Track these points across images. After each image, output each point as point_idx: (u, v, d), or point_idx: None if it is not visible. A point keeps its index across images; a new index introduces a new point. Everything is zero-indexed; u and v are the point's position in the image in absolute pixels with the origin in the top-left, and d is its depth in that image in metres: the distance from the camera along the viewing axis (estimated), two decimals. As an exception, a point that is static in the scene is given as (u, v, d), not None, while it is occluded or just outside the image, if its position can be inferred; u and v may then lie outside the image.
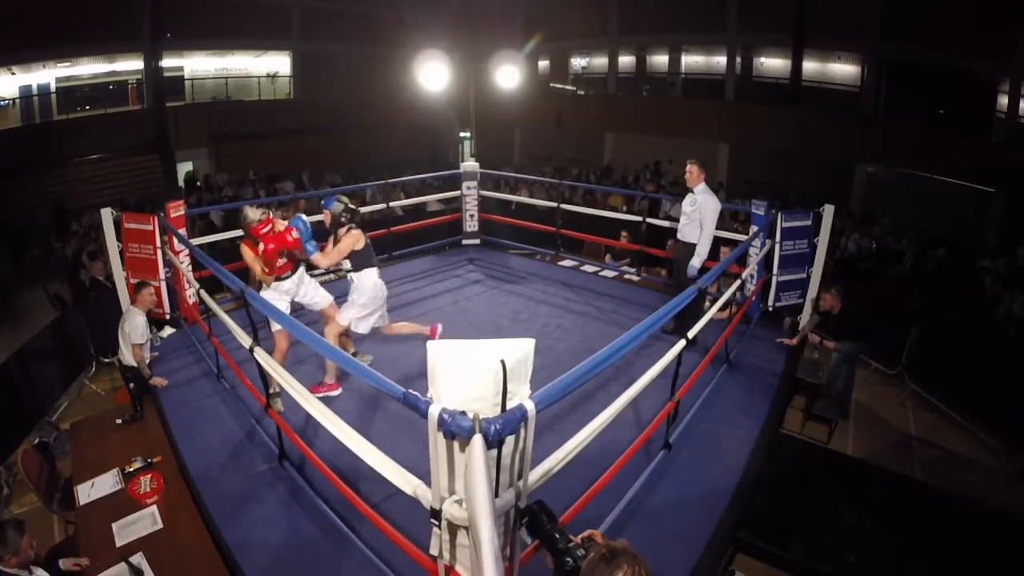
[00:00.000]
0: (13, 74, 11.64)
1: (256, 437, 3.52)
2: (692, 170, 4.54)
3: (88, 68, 12.55)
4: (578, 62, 17.11)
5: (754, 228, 5.15)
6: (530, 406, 1.69)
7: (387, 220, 6.64)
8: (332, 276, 6.41)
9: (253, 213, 3.76)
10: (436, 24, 13.79)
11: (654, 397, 3.43)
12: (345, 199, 3.95)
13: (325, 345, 2.45)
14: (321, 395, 3.86)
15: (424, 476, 1.89)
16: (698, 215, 4.49)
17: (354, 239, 3.86)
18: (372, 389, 3.84)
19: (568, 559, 1.44)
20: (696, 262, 4.49)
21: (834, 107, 12.39)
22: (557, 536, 1.51)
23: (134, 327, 3.88)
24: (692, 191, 4.56)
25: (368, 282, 3.92)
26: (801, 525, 2.90)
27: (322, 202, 4.05)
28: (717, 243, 6.51)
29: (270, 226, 3.72)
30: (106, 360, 5.60)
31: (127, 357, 3.93)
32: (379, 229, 5.88)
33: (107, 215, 4.70)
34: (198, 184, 12.59)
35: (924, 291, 7.42)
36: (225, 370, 4.14)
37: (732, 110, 13.54)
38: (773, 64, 13.41)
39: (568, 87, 17.31)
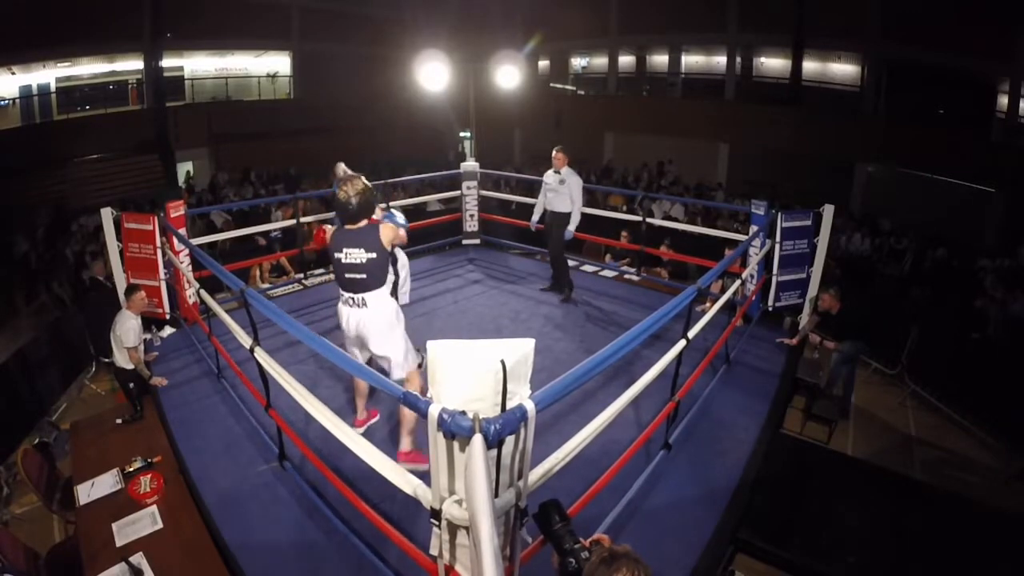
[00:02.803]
0: (13, 74, 11.63)
1: (256, 437, 3.51)
2: (558, 156, 5.36)
3: (88, 68, 12.54)
4: (578, 62, 17.11)
5: (754, 228, 5.15)
6: (530, 406, 1.69)
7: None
8: (332, 276, 6.42)
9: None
10: (436, 24, 13.77)
11: (654, 397, 3.43)
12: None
13: (326, 345, 2.44)
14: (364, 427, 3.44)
15: (424, 476, 1.89)
16: (568, 191, 5.32)
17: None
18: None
19: (571, 560, 1.45)
20: (572, 228, 5.39)
21: (834, 107, 12.39)
22: (565, 536, 1.52)
23: (126, 331, 3.87)
24: (559, 172, 5.36)
25: None
26: (801, 525, 2.90)
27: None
28: (718, 243, 6.56)
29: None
30: (106, 360, 5.58)
31: (120, 360, 3.92)
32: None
33: (107, 215, 4.70)
34: (194, 189, 12.57)
35: (924, 291, 7.42)
36: (225, 370, 4.14)
37: (732, 110, 13.54)
38: (773, 64, 13.41)
39: (568, 87, 17.30)
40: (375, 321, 2.94)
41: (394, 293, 3.82)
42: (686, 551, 2.65)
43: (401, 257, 4.25)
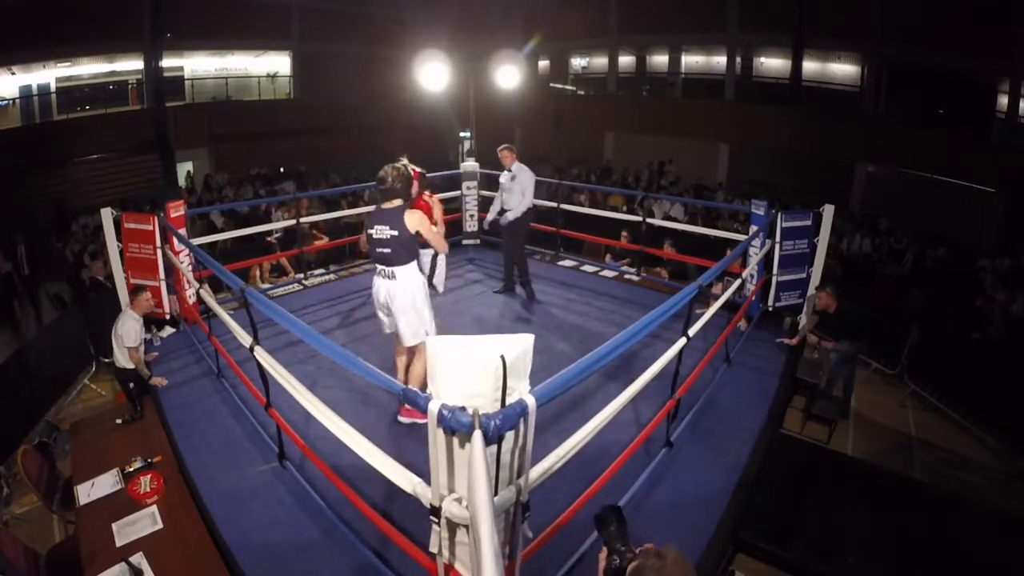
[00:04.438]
0: (13, 74, 11.64)
1: (256, 437, 3.52)
2: (505, 154, 5.33)
3: (88, 68, 12.55)
4: (578, 62, 17.11)
5: (754, 228, 5.15)
6: (530, 400, 1.69)
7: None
8: (332, 276, 6.43)
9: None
10: (436, 24, 13.78)
11: (654, 396, 3.43)
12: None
13: (326, 343, 2.44)
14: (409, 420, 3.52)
15: (424, 475, 1.89)
16: (519, 186, 5.27)
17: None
18: (372, 386, 3.84)
19: (615, 558, 1.59)
20: (510, 215, 5.30)
21: (834, 107, 12.39)
22: (616, 539, 1.67)
23: (127, 330, 3.87)
24: (509, 170, 5.32)
25: None
26: (801, 525, 2.90)
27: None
28: (718, 243, 6.56)
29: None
30: (106, 360, 5.58)
31: (120, 359, 3.92)
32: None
33: (107, 215, 4.70)
34: (194, 189, 12.56)
35: (924, 291, 7.42)
36: (225, 370, 4.14)
37: (732, 110, 13.54)
38: (773, 64, 13.42)
39: (568, 87, 17.31)
40: (399, 292, 3.30)
41: (431, 281, 4.15)
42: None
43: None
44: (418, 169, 4.16)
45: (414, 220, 3.24)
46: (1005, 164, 9.44)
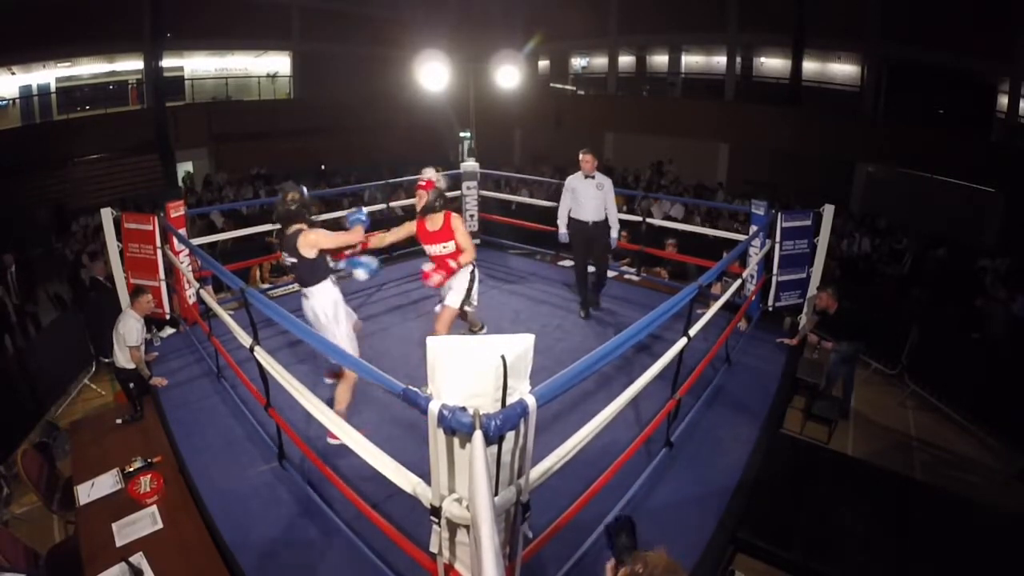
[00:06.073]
0: (13, 74, 11.64)
1: (256, 437, 3.52)
2: (588, 159, 4.89)
3: (88, 68, 12.56)
4: (578, 62, 17.12)
5: (754, 228, 5.15)
6: (531, 401, 1.69)
7: (387, 220, 6.65)
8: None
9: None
10: (436, 24, 13.79)
11: (655, 397, 3.43)
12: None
13: (326, 343, 2.44)
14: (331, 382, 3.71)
15: (424, 475, 1.89)
16: (605, 195, 4.93)
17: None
18: (372, 386, 3.84)
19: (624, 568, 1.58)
20: (615, 233, 5.06)
21: (834, 107, 12.40)
22: (623, 551, 1.69)
23: (128, 330, 3.88)
24: (592, 176, 4.92)
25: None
26: (801, 525, 2.90)
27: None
28: (718, 243, 6.55)
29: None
30: (106, 360, 5.58)
31: (121, 359, 3.92)
32: (379, 229, 5.87)
33: (107, 215, 4.70)
34: (192, 188, 12.55)
35: (924, 291, 7.42)
36: (225, 370, 4.14)
37: (732, 110, 13.55)
38: (773, 64, 13.43)
39: (568, 87, 17.31)
40: (311, 310, 3.46)
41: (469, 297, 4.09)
42: (686, 551, 2.65)
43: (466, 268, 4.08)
44: (434, 179, 4.02)
45: (308, 241, 3.27)
46: (1005, 164, 9.44)
